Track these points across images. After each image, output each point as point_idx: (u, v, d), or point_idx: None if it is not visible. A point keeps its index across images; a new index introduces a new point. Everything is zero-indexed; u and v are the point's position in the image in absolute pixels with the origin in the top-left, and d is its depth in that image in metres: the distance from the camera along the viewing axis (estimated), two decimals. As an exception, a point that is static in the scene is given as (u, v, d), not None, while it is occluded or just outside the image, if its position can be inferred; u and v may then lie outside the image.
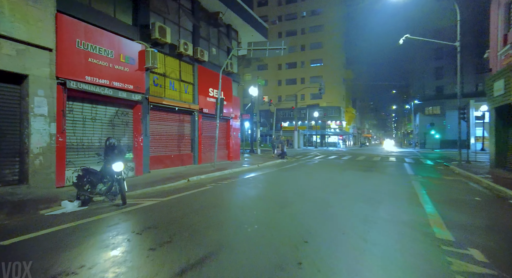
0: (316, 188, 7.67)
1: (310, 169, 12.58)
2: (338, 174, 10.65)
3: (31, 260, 2.91)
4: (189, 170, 11.41)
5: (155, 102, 10.48)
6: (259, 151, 23.04)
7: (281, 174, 10.72)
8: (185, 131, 12.42)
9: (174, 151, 11.80)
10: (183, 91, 12.27)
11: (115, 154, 5.71)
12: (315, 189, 7.49)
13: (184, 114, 12.29)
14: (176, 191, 7.22)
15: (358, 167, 13.41)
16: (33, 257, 3.06)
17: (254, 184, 8.24)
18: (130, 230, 4.03)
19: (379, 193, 6.78)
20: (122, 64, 9.06)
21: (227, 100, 15.05)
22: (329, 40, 50.25)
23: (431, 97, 43.22)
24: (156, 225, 4.16)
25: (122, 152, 5.85)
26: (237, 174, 10.78)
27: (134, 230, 4.00)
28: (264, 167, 13.47)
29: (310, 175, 10.52)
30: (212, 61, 14.18)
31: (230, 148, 15.54)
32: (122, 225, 4.27)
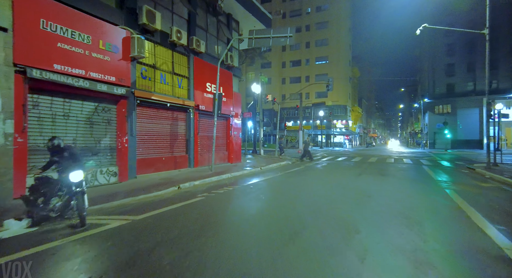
0: (332, 199, 6.28)
1: (319, 173, 11.17)
2: (354, 180, 9.24)
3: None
4: (183, 174, 10.09)
5: (143, 97, 9.17)
6: (262, 151, 21.68)
7: (287, 180, 9.34)
8: (179, 130, 11.09)
9: (166, 153, 10.48)
10: (177, 86, 10.94)
11: (65, 158, 4.39)
12: (330, 201, 6.10)
13: (177, 111, 10.96)
14: (160, 203, 5.89)
15: (373, 170, 11.97)
16: None
17: (255, 194, 6.86)
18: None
19: (413, 208, 5.37)
20: (102, 52, 7.75)
21: (227, 96, 13.70)
22: (335, 37, 48.68)
23: (441, 96, 41.47)
24: (107, 269, 2.81)
25: (73, 155, 4.52)
26: (237, 179, 9.43)
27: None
28: (267, 170, 12.11)
29: (321, 181, 9.12)
30: (210, 53, 12.84)
31: (231, 148, 14.19)
32: (58, 267, 2.93)
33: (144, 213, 4.99)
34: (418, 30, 14.67)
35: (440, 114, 42.68)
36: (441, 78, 41.56)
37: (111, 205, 6.01)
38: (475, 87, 38.64)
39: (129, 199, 6.46)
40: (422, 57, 51.11)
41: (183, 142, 11.30)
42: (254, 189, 7.56)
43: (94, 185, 7.77)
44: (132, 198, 6.54)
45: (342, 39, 48.68)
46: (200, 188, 7.86)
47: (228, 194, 6.76)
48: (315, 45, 49.95)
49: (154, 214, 4.90)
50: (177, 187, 7.94)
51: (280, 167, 13.62)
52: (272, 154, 22.56)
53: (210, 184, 8.56)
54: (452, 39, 39.41)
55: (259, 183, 8.59)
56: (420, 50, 59.04)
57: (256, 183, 8.71)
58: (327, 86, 19.77)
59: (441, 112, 42.88)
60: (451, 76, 40.56)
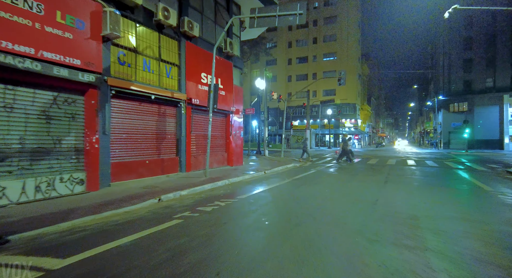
0: (364, 228, 4.45)
1: (334, 181, 9.32)
2: (381, 191, 7.37)
3: None
4: (171, 181, 8.36)
5: (119, 86, 7.45)
6: (267, 152, 19.88)
7: (296, 191, 7.51)
8: (167, 128, 9.37)
9: (151, 155, 8.76)
10: (164, 75, 9.21)
11: None
12: (364, 232, 4.26)
13: (165, 105, 9.23)
14: (122, 227, 4.16)
15: (399, 176, 10.06)
16: None
17: (255, 216, 4.98)
18: None
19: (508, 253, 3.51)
20: (61, 27, 6.06)
21: (226, 90, 11.94)
22: (343, 32, 46.53)
23: (458, 93, 39.05)
24: None
25: None
26: (234, 189, 7.65)
27: None
28: (272, 175, 10.31)
29: (340, 193, 7.26)
30: (206, 39, 11.08)
31: (231, 149, 12.43)
32: None
33: (83, 250, 3.23)
34: (447, 13, 12.68)
35: (456, 112, 40.27)
36: (458, 75, 39.13)
37: (57, 228, 4.32)
38: (495, 83, 36.16)
39: (88, 218, 4.77)
40: (436, 53, 48.57)
41: (172, 142, 9.57)
42: (254, 205, 5.75)
43: (51, 196, 6.08)
44: (92, 216, 4.85)
45: (351, 35, 46.51)
46: (185, 201, 6.11)
47: (217, 215, 4.95)
48: (322, 41, 47.88)
49: (93, 256, 3.13)
50: (157, 199, 6.23)
51: (286, 171, 11.81)
52: (278, 155, 20.74)
53: (201, 195, 6.81)
54: (471, 33, 36.96)
55: (261, 195, 6.79)
56: (433, 46, 56.41)
57: (257, 194, 6.90)
58: (339, 80, 17.85)
59: (456, 110, 40.46)
60: (469, 72, 38.11)
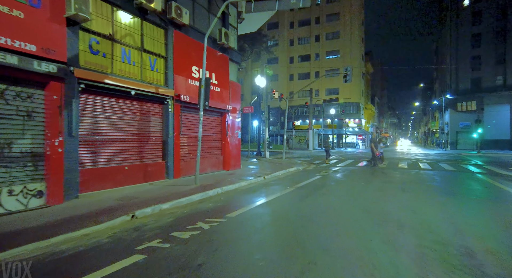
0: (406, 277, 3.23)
1: (345, 189, 8.08)
2: (405, 204, 6.13)
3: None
4: (155, 189, 7.16)
5: (91, 80, 6.27)
6: (268, 154, 18.67)
7: (301, 204, 6.27)
8: (151, 129, 8.17)
9: (131, 160, 7.57)
10: (148, 67, 8.01)
11: None
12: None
13: (149, 102, 8.04)
14: (65, 262, 2.97)
15: (417, 183, 8.81)
16: None
17: (246, 250, 3.48)
18: None
19: None
20: (7, 2, 4.89)
21: (222, 86, 10.75)
22: (347, 30, 45.24)
23: (465, 91, 37.66)
24: None
25: None
26: (226, 201, 6.43)
27: None
28: (273, 181, 9.09)
29: (355, 208, 6.00)
30: (199, 29, 9.89)
31: (227, 152, 11.22)
32: None
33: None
34: (467, 1, 11.41)
35: (464, 112, 38.88)
36: (465, 73, 37.74)
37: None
38: (506, 81, 34.72)
39: (29, 246, 3.61)
40: (442, 51, 47.14)
41: (158, 145, 8.37)
42: (246, 230, 4.48)
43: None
44: (35, 244, 3.69)
45: (354, 32, 45.19)
46: (163, 219, 4.91)
47: (194, 248, 3.60)
48: (325, 38, 46.59)
49: None
50: (130, 215, 5.05)
51: (289, 176, 10.58)
52: (279, 157, 19.52)
53: (185, 209, 5.60)
54: (479, 29, 35.53)
55: (257, 212, 5.53)
56: (438, 44, 54.96)
57: (253, 210, 5.66)
58: (345, 77, 16.62)
59: (464, 110, 39.08)
60: (477, 70, 36.71)
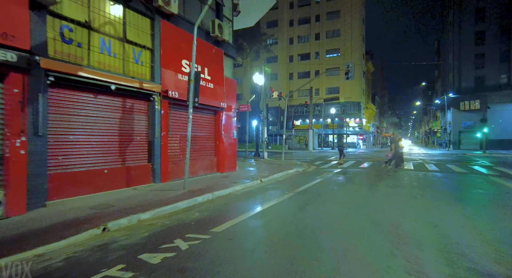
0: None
1: (349, 194, 7.31)
2: (422, 214, 5.36)
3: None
4: (136, 196, 6.40)
5: (62, 72, 5.51)
6: (266, 154, 17.91)
7: (301, 216, 5.49)
8: (135, 128, 7.42)
9: (111, 162, 6.81)
10: (131, 60, 7.26)
11: None
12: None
13: (132, 98, 7.28)
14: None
15: (431, 188, 8.05)
16: None
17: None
18: None
19: None
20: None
21: (216, 82, 10.00)
22: (347, 28, 44.50)
23: (469, 90, 36.93)
24: None
25: None
26: (215, 209, 5.66)
27: None
28: (270, 185, 8.33)
29: (364, 221, 5.17)
30: (189, 19, 9.13)
31: (221, 153, 10.47)
32: None
33: None
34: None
35: (467, 111, 38.16)
36: (469, 71, 37.01)
37: None
38: (510, 80, 33.99)
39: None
40: (444, 50, 46.41)
41: (143, 146, 7.62)
42: (233, 251, 3.64)
43: None
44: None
45: (355, 30, 44.46)
46: (138, 233, 4.16)
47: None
48: (325, 36, 45.85)
49: None
50: (101, 227, 4.32)
51: (288, 179, 9.83)
52: (278, 157, 18.77)
53: (166, 220, 4.85)
54: (483, 26, 34.80)
55: (249, 226, 4.73)
56: (440, 43, 54.23)
57: (244, 223, 4.87)
58: (346, 73, 15.86)
59: (467, 109, 38.35)
60: (481, 68, 35.98)
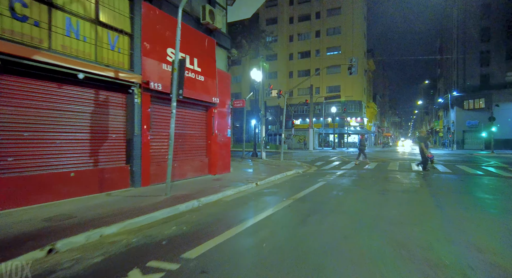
0: None
1: (358, 202, 6.33)
2: (455, 234, 4.40)
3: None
4: (108, 203, 5.41)
5: (12, 54, 4.52)
6: (264, 154, 16.94)
7: (303, 231, 4.44)
8: (111, 124, 6.43)
9: (81, 164, 5.83)
10: (106, 46, 6.27)
11: None
12: None
13: (108, 90, 6.30)
14: None
15: (450, 193, 7.07)
16: None
17: None
18: None
19: None
20: None
21: (207, 74, 9.01)
22: (348, 25, 43.51)
23: (473, 88, 35.99)
24: None
25: None
26: (199, 222, 4.65)
27: None
28: (266, 189, 7.34)
29: (382, 235, 4.25)
30: (175, 2, 8.13)
31: (214, 153, 9.48)
32: None
33: None
34: None
35: (471, 110, 37.24)
36: (473, 69, 36.06)
37: None
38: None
39: None
40: (448, 47, 45.43)
41: (119, 145, 6.64)
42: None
43: None
44: None
45: (356, 28, 43.47)
46: (87, 260, 3.16)
47: None
48: (326, 34, 44.86)
49: None
50: (47, 249, 3.39)
51: (287, 181, 8.85)
52: (277, 157, 17.80)
53: (133, 238, 3.86)
54: (488, 22, 33.86)
55: (234, 250, 3.63)
56: (443, 40, 53.22)
57: (230, 243, 3.82)
58: (349, 69, 14.89)
59: (472, 108, 37.44)
60: (486, 65, 35.04)
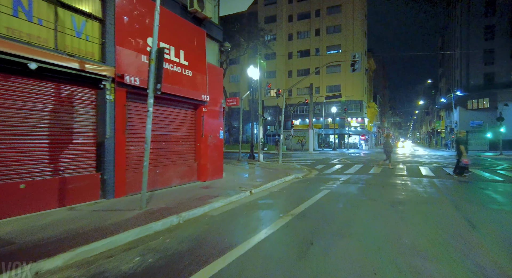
0: None
1: (371, 217, 5.35)
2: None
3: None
4: (66, 222, 4.42)
5: None
6: (262, 156, 15.97)
7: (305, 270, 3.53)
8: (76, 124, 5.45)
9: (35, 173, 4.85)
10: (70, 33, 5.28)
11: None
12: None
13: (72, 85, 5.32)
14: None
15: (481, 207, 6.11)
16: None
17: None
18: None
19: None
20: None
21: (195, 68, 8.03)
22: (349, 23, 42.59)
23: (477, 88, 35.08)
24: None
25: None
26: (171, 250, 3.63)
27: None
28: (261, 200, 6.36)
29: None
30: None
31: (203, 157, 8.50)
32: None
33: None
34: None
35: (475, 110, 36.35)
36: (477, 67, 35.16)
37: None
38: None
39: None
40: (450, 46, 44.57)
41: (88, 149, 5.65)
42: None
43: None
44: None
45: (357, 26, 42.55)
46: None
47: None
48: (326, 32, 43.93)
49: None
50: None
51: (284, 189, 7.87)
52: (275, 160, 16.84)
53: (77, 274, 2.89)
54: (492, 20, 32.96)
55: None
56: (445, 39, 52.40)
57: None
58: (352, 65, 13.94)
59: (475, 107, 36.54)
60: (491, 64, 34.13)
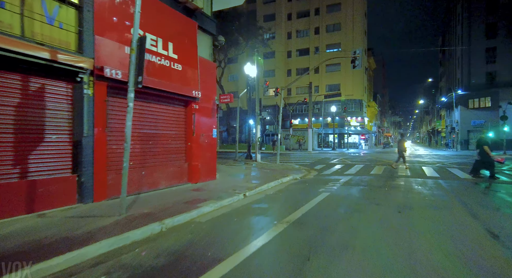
0: None
1: (377, 225, 4.81)
2: None
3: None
4: (31, 232, 3.87)
5: None
6: (259, 157, 15.45)
7: None
8: (48, 121, 4.91)
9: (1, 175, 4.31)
10: (41, 19, 4.74)
11: None
12: None
13: (44, 77, 4.77)
14: None
15: (499, 215, 5.59)
16: None
17: None
18: None
19: None
20: None
21: (185, 62, 7.50)
22: (348, 22, 42.09)
23: (479, 87, 34.62)
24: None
25: None
26: (147, 266, 3.10)
27: None
28: (255, 204, 5.83)
29: None
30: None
31: (196, 157, 7.96)
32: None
33: None
34: None
35: (477, 109, 35.91)
36: (479, 66, 34.70)
37: None
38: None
39: None
40: (451, 44, 44.11)
41: (63, 148, 5.11)
42: None
43: None
44: None
45: (357, 24, 42.05)
46: None
47: None
48: (325, 31, 43.42)
49: None
50: None
51: (282, 192, 7.35)
52: (273, 160, 16.31)
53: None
54: (495, 18, 32.49)
55: None
56: (445, 38, 51.96)
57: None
58: (352, 62, 13.43)
59: (477, 107, 36.12)
60: (492, 62, 33.67)
